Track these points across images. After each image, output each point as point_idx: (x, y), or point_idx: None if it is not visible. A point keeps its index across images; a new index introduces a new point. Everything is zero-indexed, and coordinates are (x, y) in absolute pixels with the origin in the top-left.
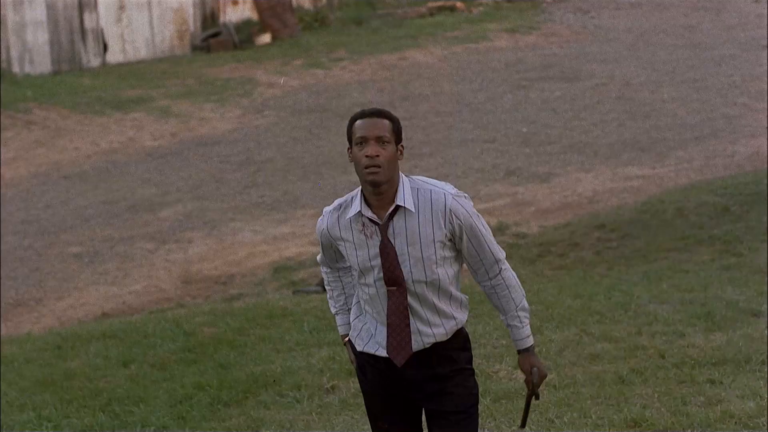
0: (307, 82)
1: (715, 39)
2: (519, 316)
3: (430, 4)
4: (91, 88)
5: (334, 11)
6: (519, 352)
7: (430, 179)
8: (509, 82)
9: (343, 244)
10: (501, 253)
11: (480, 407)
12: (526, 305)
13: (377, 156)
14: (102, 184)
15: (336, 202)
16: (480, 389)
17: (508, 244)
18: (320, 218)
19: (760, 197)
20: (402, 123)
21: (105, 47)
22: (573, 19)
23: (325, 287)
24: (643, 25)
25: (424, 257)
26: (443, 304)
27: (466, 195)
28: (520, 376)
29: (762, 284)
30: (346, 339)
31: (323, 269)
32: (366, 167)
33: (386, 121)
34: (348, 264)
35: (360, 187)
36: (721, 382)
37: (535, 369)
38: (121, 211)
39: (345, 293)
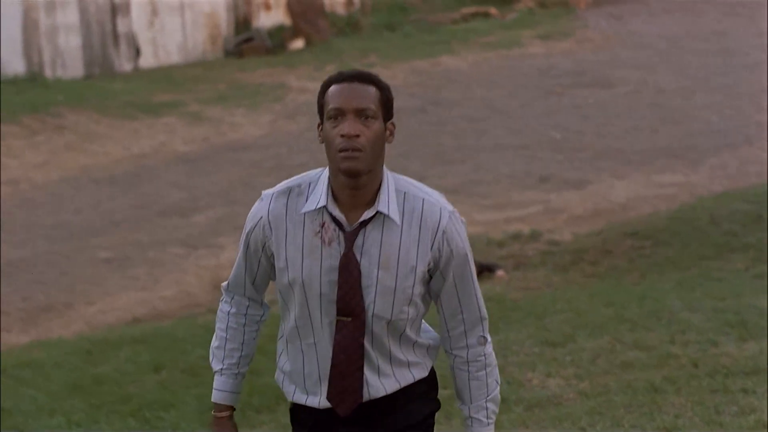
0: None
1: (748, 45)
2: (487, 409)
3: (464, 11)
4: (122, 93)
5: (367, 17)
6: None
7: (419, 183)
8: (542, 88)
9: (284, 244)
10: (486, 313)
11: (512, 416)
12: (499, 396)
13: (357, 136)
14: (132, 188)
15: (283, 185)
16: (513, 397)
17: (541, 251)
18: (257, 203)
19: None
20: (433, 128)
21: (137, 51)
22: (606, 26)
23: (216, 332)
24: (676, 32)
25: (398, 289)
26: (401, 352)
27: (463, 219)
28: (553, 384)
29: None
30: (222, 414)
31: (226, 305)
32: (340, 150)
33: (372, 89)
34: (260, 298)
35: (324, 169)
36: (755, 392)
37: None
38: (152, 215)
39: (242, 351)
